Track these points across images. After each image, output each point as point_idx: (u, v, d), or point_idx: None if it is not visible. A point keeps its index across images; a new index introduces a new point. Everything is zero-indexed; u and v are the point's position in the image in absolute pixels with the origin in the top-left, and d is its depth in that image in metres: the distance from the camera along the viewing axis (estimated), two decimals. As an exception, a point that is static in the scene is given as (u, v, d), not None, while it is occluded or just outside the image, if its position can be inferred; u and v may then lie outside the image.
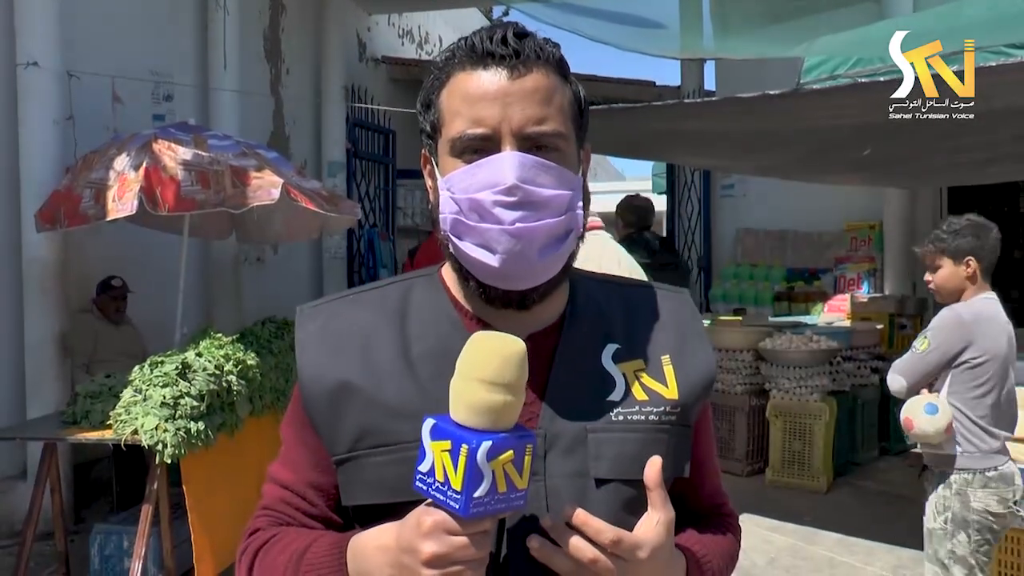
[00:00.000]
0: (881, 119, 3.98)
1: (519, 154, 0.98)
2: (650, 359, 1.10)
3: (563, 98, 1.05)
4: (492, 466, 0.84)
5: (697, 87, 9.94)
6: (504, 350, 0.87)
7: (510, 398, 0.86)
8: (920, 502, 3.49)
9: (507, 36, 1.01)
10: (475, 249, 1.00)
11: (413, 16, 12.31)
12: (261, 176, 4.92)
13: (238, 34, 7.31)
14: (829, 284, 8.85)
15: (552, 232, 1.00)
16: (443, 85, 1.05)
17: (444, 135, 1.04)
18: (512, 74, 1.00)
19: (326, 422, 1.05)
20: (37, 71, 5.26)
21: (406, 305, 1.10)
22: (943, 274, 3.34)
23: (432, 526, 0.86)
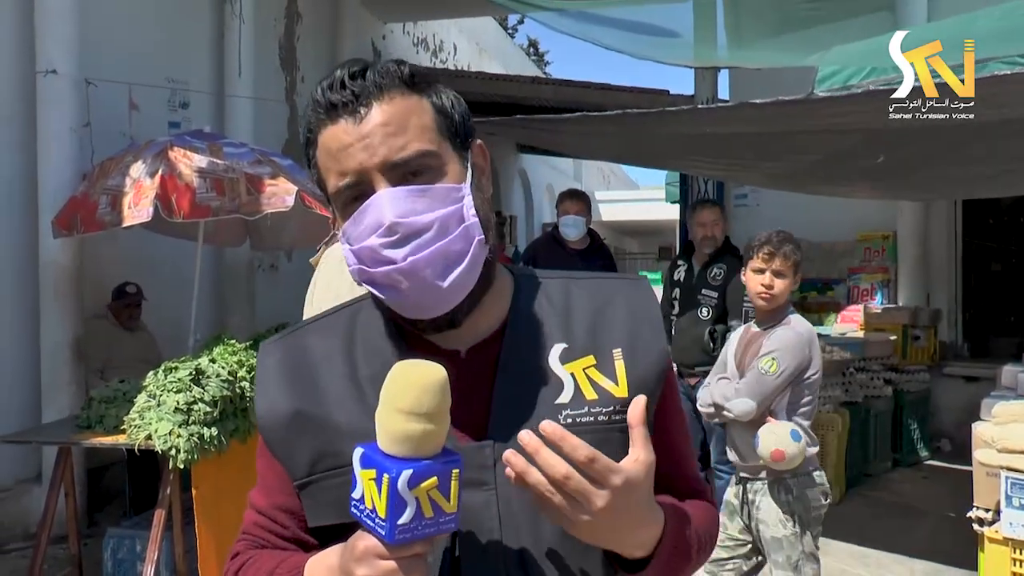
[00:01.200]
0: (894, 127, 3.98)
1: (389, 190, 0.99)
2: (601, 353, 1.09)
3: (421, 116, 1.04)
4: (415, 493, 0.85)
5: (711, 96, 9.91)
6: (422, 380, 0.87)
7: (430, 427, 0.87)
8: (935, 513, 3.48)
9: (344, 80, 1.02)
10: (383, 291, 1.02)
11: (428, 25, 12.35)
12: (276, 183, 4.95)
13: (253, 42, 7.37)
14: (842, 295, 8.80)
15: (447, 252, 1.00)
16: (314, 146, 1.06)
17: (328, 194, 1.06)
18: (355, 117, 1.01)
19: (284, 450, 1.09)
20: (55, 78, 5.32)
21: (353, 328, 1.13)
22: (785, 285, 3.35)
23: (363, 551, 0.89)
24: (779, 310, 3.38)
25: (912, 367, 7.51)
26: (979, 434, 3.94)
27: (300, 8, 8.69)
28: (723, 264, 5.09)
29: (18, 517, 5.27)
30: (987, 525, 3.79)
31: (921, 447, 7.49)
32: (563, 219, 5.36)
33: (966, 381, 7.76)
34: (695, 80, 10.06)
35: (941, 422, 7.85)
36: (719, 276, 5.05)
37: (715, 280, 5.05)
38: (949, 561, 4.76)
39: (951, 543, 4.94)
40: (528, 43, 29.21)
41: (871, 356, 6.96)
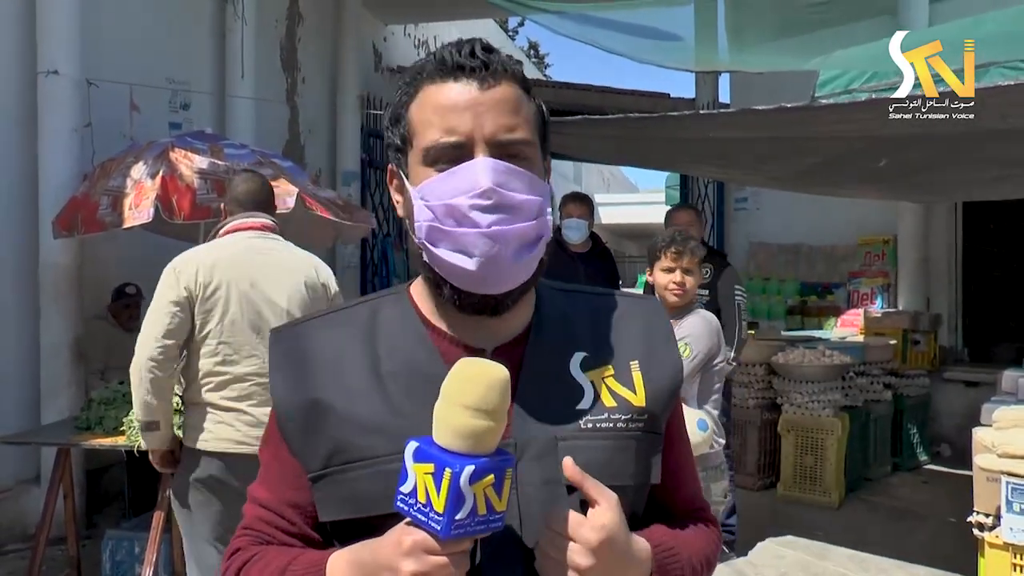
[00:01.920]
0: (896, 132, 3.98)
1: (493, 160, 1.01)
2: (618, 364, 1.12)
3: (529, 109, 1.08)
4: (474, 489, 0.87)
5: (712, 99, 9.95)
6: (488, 377, 0.90)
7: (492, 424, 0.89)
8: (935, 518, 3.48)
9: (475, 49, 1.04)
10: (451, 254, 1.02)
11: (429, 26, 12.36)
12: (277, 185, 4.93)
13: (255, 43, 7.37)
14: (842, 299, 8.81)
15: (525, 236, 1.02)
16: (412, 99, 1.08)
17: (416, 146, 1.06)
18: (482, 85, 1.04)
19: (300, 441, 1.08)
20: (57, 79, 5.31)
21: (375, 323, 1.13)
22: (694, 281, 3.51)
23: (412, 545, 0.89)
24: (688, 305, 3.55)
25: (912, 372, 7.51)
26: (979, 439, 3.93)
27: (301, 9, 8.69)
28: (708, 264, 5.11)
29: (17, 518, 5.26)
30: (987, 530, 3.78)
31: (921, 452, 7.49)
32: (566, 222, 5.36)
33: (966, 386, 7.76)
34: (696, 83, 10.10)
35: (941, 427, 7.85)
36: (707, 275, 5.07)
37: (704, 279, 5.07)
38: (949, 566, 4.76)
39: (951, 548, 4.94)
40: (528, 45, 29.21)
41: (871, 360, 6.96)
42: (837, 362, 6.25)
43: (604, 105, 10.11)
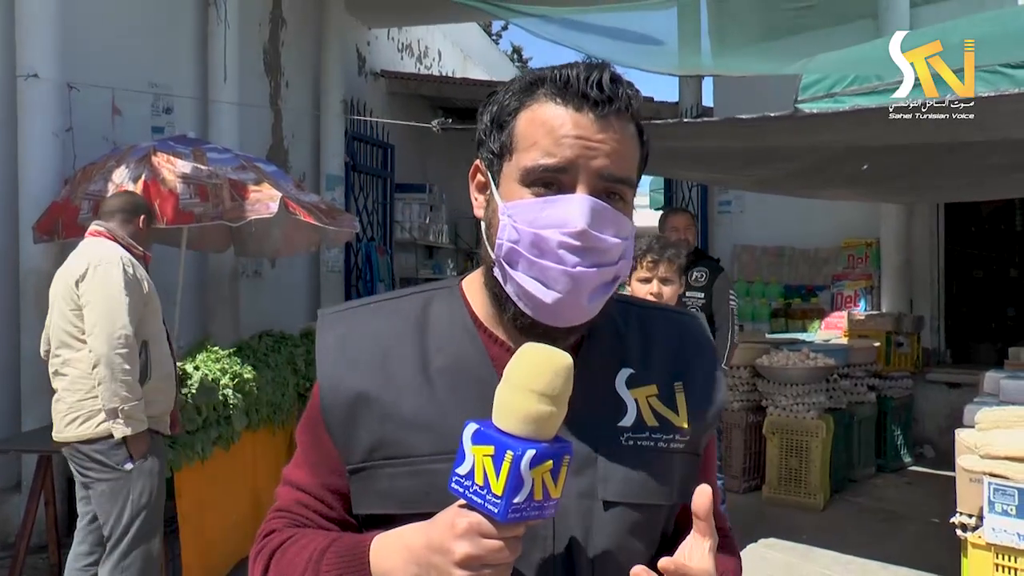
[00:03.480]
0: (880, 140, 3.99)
1: (593, 199, 1.00)
2: (663, 386, 1.12)
3: (636, 151, 1.07)
4: (533, 474, 0.87)
5: (695, 103, 9.98)
6: (555, 363, 0.90)
7: (555, 409, 0.89)
8: (918, 519, 3.49)
9: (603, 80, 1.01)
10: (530, 282, 1.00)
11: (412, 30, 12.34)
12: (260, 189, 4.92)
13: (238, 47, 7.33)
14: (826, 301, 8.85)
15: (604, 279, 1.02)
16: (523, 108, 1.05)
17: (516, 161, 1.04)
18: (601, 122, 1.01)
19: (342, 431, 1.07)
20: (37, 82, 5.27)
21: (425, 317, 1.11)
22: (673, 291, 3.44)
23: (467, 528, 0.88)
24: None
25: (895, 373, 7.56)
26: (962, 440, 3.95)
27: (284, 13, 8.66)
28: (703, 267, 5.14)
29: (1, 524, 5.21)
30: (970, 531, 3.80)
31: (904, 453, 7.53)
32: None
33: (949, 387, 7.82)
34: (680, 87, 10.13)
35: (924, 428, 7.90)
36: (702, 278, 5.09)
37: (698, 282, 5.09)
38: (932, 567, 4.78)
39: (934, 549, 4.96)
40: (512, 49, 29.23)
41: (855, 363, 7.00)
42: (821, 364, 6.28)
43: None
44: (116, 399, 3.41)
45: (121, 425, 3.45)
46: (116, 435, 3.46)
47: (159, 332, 3.75)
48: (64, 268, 3.66)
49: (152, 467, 3.59)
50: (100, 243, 3.67)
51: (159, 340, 3.73)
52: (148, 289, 3.69)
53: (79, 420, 3.51)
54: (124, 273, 3.54)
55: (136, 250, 3.75)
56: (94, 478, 3.55)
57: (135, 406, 3.46)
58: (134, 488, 3.53)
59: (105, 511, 3.56)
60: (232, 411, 4.48)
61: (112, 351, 3.40)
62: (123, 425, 3.45)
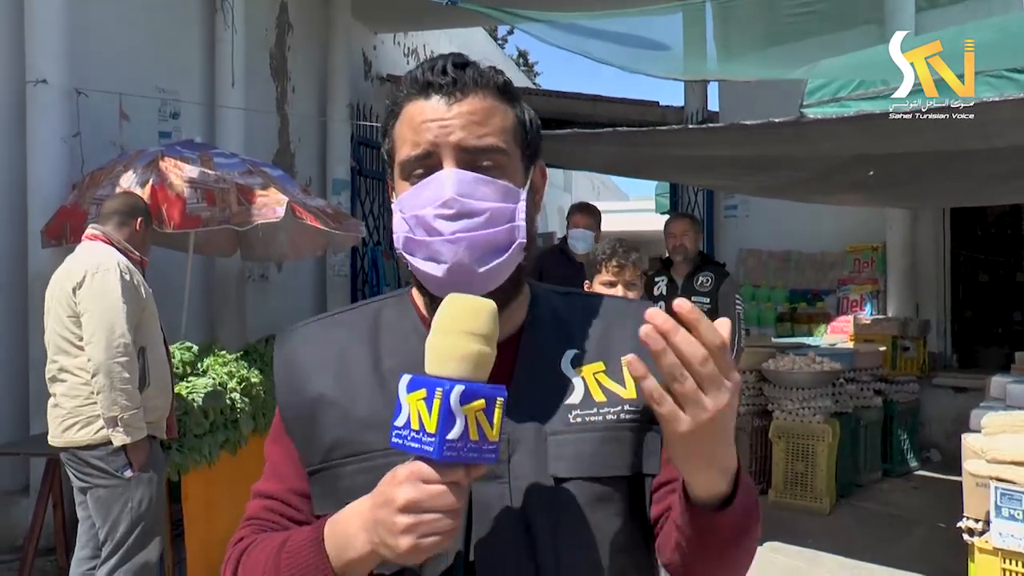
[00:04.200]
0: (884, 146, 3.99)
1: (457, 170, 1.06)
2: (609, 361, 1.14)
3: (504, 119, 1.11)
4: (464, 411, 0.88)
5: (701, 107, 9.99)
6: (480, 306, 0.94)
7: (487, 349, 0.92)
8: (925, 523, 3.49)
9: (446, 66, 1.08)
10: (423, 262, 1.07)
11: (418, 35, 12.38)
12: (267, 194, 4.94)
13: (244, 52, 7.36)
14: (832, 305, 8.84)
15: (491, 242, 1.06)
16: (396, 117, 1.12)
17: (395, 161, 1.12)
18: (450, 100, 1.07)
19: (303, 435, 1.13)
20: (45, 88, 5.30)
21: (378, 324, 1.17)
22: (637, 295, 3.33)
23: (407, 474, 0.90)
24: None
25: (901, 378, 7.55)
26: (968, 445, 3.95)
27: (291, 18, 8.70)
28: (709, 272, 5.15)
29: (5, 529, 5.23)
30: (977, 535, 3.79)
31: (911, 457, 7.52)
32: (571, 232, 5.40)
33: (955, 392, 7.79)
34: (685, 91, 10.15)
35: (930, 432, 7.88)
36: (707, 283, 5.09)
37: (703, 287, 5.09)
38: (939, 572, 4.77)
39: (941, 553, 4.95)
40: (518, 54, 29.30)
41: (861, 367, 6.99)
42: (827, 369, 6.27)
43: (594, 113, 10.15)
44: (116, 408, 3.41)
45: (121, 433, 3.44)
46: (116, 443, 3.45)
47: (156, 337, 3.75)
48: (61, 272, 3.65)
49: (151, 475, 3.59)
50: (97, 248, 3.66)
51: (156, 346, 3.72)
52: (145, 294, 3.68)
53: (78, 425, 3.50)
54: (122, 279, 3.52)
55: (133, 255, 3.73)
56: (92, 483, 3.55)
57: (135, 414, 3.45)
58: (133, 496, 3.53)
59: (101, 517, 3.55)
60: (239, 415, 4.50)
61: (111, 359, 3.40)
62: (123, 433, 3.44)
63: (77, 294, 3.49)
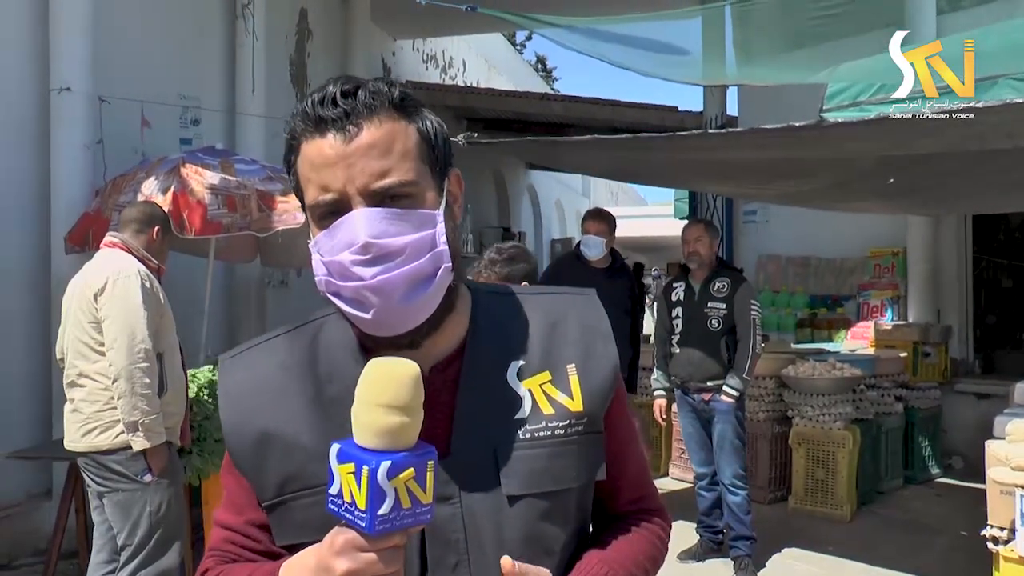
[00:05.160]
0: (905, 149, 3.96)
1: (366, 210, 1.02)
2: (556, 369, 1.13)
3: (406, 141, 1.06)
4: (394, 484, 0.88)
5: (719, 112, 9.96)
6: (398, 375, 0.91)
7: (407, 419, 0.90)
8: (948, 531, 3.45)
9: (335, 96, 1.03)
10: (348, 308, 1.03)
11: (438, 41, 12.42)
12: (287, 200, 4.97)
13: (265, 59, 7.42)
14: (852, 311, 8.78)
15: (415, 276, 1.02)
16: (297, 154, 1.08)
17: (305, 203, 1.08)
18: (346, 136, 1.03)
19: (252, 470, 1.11)
20: (69, 96, 5.36)
21: (315, 347, 1.14)
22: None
23: (343, 544, 0.91)
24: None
25: (923, 384, 7.48)
26: (992, 452, 3.91)
27: (311, 25, 8.75)
28: (725, 278, 5.14)
29: (28, 532, 5.27)
30: (1002, 544, 3.75)
31: (933, 464, 7.44)
32: (584, 238, 5.42)
33: (977, 398, 7.72)
34: (704, 96, 10.11)
35: (953, 439, 7.80)
36: (724, 288, 5.09)
37: (720, 292, 5.09)
38: (962, 580, 4.73)
39: (965, 562, 4.91)
40: (536, 59, 29.33)
41: (882, 373, 6.94)
42: (848, 375, 6.23)
43: (613, 118, 10.14)
44: (137, 412, 3.43)
45: (140, 438, 3.46)
46: (136, 447, 3.47)
47: (173, 344, 3.77)
48: (80, 279, 3.68)
49: (170, 480, 3.62)
50: (116, 255, 3.69)
51: (173, 353, 3.75)
52: (163, 302, 3.71)
53: (97, 430, 3.53)
54: (142, 286, 3.56)
55: (151, 263, 3.76)
56: (111, 488, 3.57)
57: (155, 419, 3.48)
58: (152, 501, 3.55)
59: (119, 521, 3.57)
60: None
61: (133, 365, 3.43)
62: (142, 438, 3.46)
63: (98, 300, 3.51)
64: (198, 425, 4.12)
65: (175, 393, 3.70)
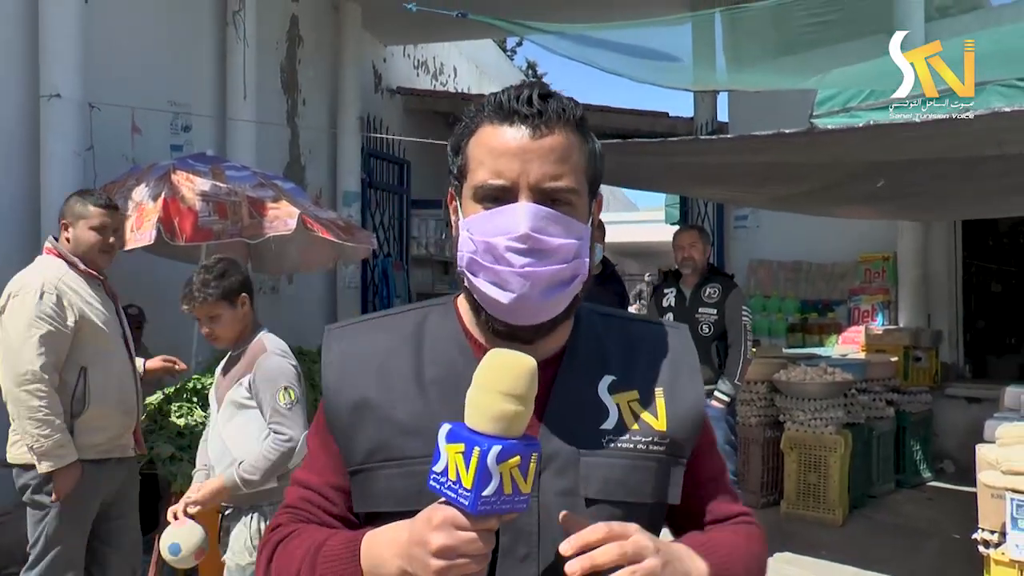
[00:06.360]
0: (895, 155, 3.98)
1: (533, 205, 1.08)
2: (644, 391, 1.19)
3: (580, 156, 1.14)
4: (500, 469, 0.93)
5: (710, 118, 9.99)
6: (519, 365, 0.98)
7: (521, 408, 0.96)
8: (939, 535, 3.46)
9: (532, 96, 1.11)
10: (488, 286, 1.09)
11: (428, 47, 12.43)
12: (278, 207, 4.97)
13: (255, 65, 7.41)
14: (843, 316, 8.80)
15: (557, 276, 1.09)
16: (472, 134, 1.15)
17: (469, 181, 1.14)
18: (534, 133, 1.10)
19: (344, 434, 1.17)
20: (59, 102, 5.34)
21: (422, 331, 1.21)
22: (227, 320, 3.13)
23: (442, 520, 0.96)
24: (234, 339, 3.19)
25: (914, 388, 7.51)
26: (983, 456, 3.93)
27: (302, 31, 8.75)
28: (716, 284, 5.16)
29: (18, 540, 5.22)
30: (993, 547, 3.77)
31: (924, 468, 7.47)
32: None
33: (968, 402, 7.75)
34: (695, 102, 10.15)
35: (944, 443, 7.83)
36: (715, 294, 5.11)
37: (711, 298, 5.11)
38: (954, 584, 4.74)
39: (957, 566, 4.92)
40: (527, 65, 29.34)
41: (873, 377, 6.96)
42: (839, 379, 6.24)
43: (603, 124, 10.15)
44: (28, 437, 3.22)
45: (43, 461, 3.23)
46: (40, 470, 3.25)
47: (103, 355, 3.45)
48: None
49: (72, 506, 3.35)
50: (39, 264, 3.47)
51: (103, 364, 3.44)
52: (82, 314, 3.38)
53: (10, 443, 3.36)
54: (39, 303, 3.26)
55: (79, 267, 3.47)
56: (25, 501, 3.41)
57: (51, 443, 3.22)
58: (50, 524, 3.34)
59: (29, 534, 3.43)
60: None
61: (19, 388, 3.20)
62: (44, 461, 3.23)
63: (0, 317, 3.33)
64: (190, 431, 4.10)
65: (104, 408, 3.41)
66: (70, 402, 3.33)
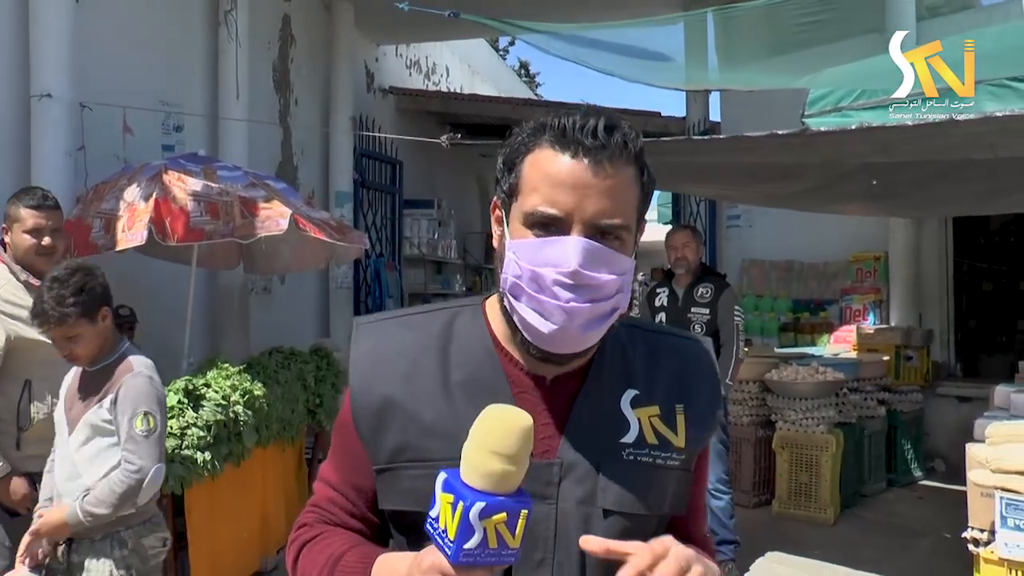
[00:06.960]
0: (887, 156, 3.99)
1: (584, 240, 1.08)
2: (665, 406, 1.21)
3: (634, 191, 1.14)
4: (484, 524, 0.95)
5: (702, 117, 10.00)
6: (512, 425, 0.97)
7: (511, 468, 0.97)
8: (930, 534, 3.47)
9: (598, 128, 1.09)
10: (530, 313, 1.10)
11: (421, 47, 12.41)
12: (270, 207, 4.95)
13: (248, 65, 7.39)
14: (835, 315, 8.83)
15: (598, 313, 1.11)
16: (527, 153, 1.13)
17: (520, 203, 1.13)
18: (595, 167, 1.08)
19: (370, 433, 1.19)
20: (50, 102, 5.31)
21: (450, 332, 1.22)
22: (88, 338, 2.84)
23: (430, 565, 0.98)
24: (102, 358, 2.91)
25: (905, 387, 7.53)
26: (973, 454, 3.94)
27: (294, 31, 8.72)
28: (709, 283, 5.17)
29: (9, 543, 5.22)
30: (983, 546, 3.78)
31: (915, 467, 7.49)
32: None
33: (959, 401, 7.78)
34: (687, 102, 10.15)
35: (935, 442, 7.86)
36: (707, 294, 5.12)
37: (703, 298, 5.12)
38: (945, 582, 4.76)
39: (946, 564, 4.93)
40: (519, 65, 29.34)
41: (864, 376, 6.98)
42: (830, 379, 6.26)
43: (596, 124, 10.14)
44: None
45: None
46: None
47: (50, 367, 3.18)
48: None
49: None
50: None
51: (52, 376, 3.21)
52: (16, 334, 3.24)
53: None
54: None
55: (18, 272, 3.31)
56: None
57: None
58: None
59: None
60: (243, 428, 4.49)
61: None
62: None
63: None
64: (182, 433, 4.09)
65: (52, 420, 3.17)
66: (15, 416, 3.21)
